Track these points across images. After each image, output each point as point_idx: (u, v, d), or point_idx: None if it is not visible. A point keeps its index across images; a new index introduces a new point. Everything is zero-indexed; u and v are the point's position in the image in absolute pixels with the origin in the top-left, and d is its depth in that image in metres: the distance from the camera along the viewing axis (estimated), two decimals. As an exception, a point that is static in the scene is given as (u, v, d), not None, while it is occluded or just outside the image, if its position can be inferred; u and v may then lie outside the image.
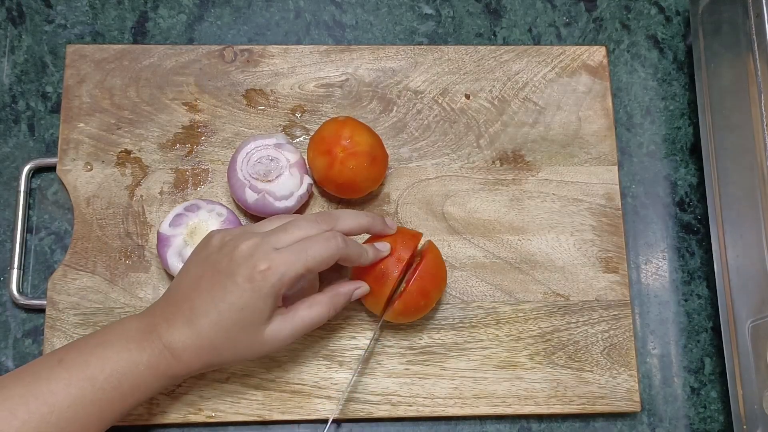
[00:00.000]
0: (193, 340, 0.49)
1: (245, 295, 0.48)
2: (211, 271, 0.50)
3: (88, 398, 0.47)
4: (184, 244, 0.56)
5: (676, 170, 0.67)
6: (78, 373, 0.47)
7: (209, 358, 0.50)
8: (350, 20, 0.68)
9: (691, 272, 0.65)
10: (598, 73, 0.66)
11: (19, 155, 0.63)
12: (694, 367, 0.63)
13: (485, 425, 0.60)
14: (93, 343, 0.49)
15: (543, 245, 0.62)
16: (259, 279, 0.48)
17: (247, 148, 0.59)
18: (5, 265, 0.61)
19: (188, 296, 0.50)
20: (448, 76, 0.65)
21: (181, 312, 0.49)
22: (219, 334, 0.49)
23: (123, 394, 0.48)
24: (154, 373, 0.49)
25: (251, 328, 0.49)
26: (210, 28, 0.67)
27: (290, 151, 0.59)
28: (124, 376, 0.48)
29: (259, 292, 0.48)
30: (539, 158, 0.64)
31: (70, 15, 0.67)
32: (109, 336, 0.49)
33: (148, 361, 0.49)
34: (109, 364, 0.48)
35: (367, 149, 0.57)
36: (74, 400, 0.46)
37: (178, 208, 0.58)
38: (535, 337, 0.60)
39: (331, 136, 0.58)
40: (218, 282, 0.49)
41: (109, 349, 0.48)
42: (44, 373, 0.47)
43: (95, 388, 0.47)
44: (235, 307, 0.48)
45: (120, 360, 0.48)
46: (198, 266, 0.51)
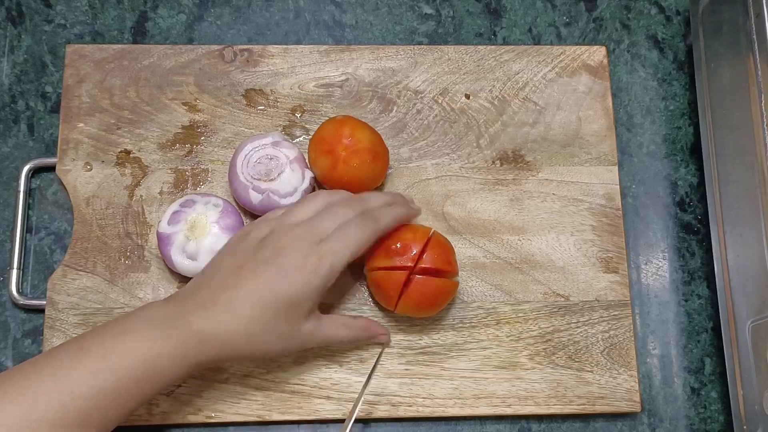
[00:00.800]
0: (229, 326, 0.48)
1: (295, 286, 0.49)
2: (253, 262, 0.50)
3: (110, 388, 0.46)
4: (185, 240, 0.56)
5: (677, 170, 0.67)
6: (100, 363, 0.46)
7: (243, 347, 0.49)
8: (350, 20, 0.68)
9: (691, 272, 0.65)
10: (598, 73, 0.66)
11: (19, 155, 0.63)
12: (694, 367, 0.63)
13: (485, 425, 0.60)
14: (116, 330, 0.48)
15: (543, 245, 0.62)
16: (310, 270, 0.49)
17: (245, 149, 0.59)
18: (5, 265, 0.61)
19: (227, 284, 0.50)
20: (448, 76, 0.65)
21: (219, 299, 0.49)
22: (259, 323, 0.49)
23: (146, 383, 0.47)
24: (180, 362, 0.48)
25: (292, 321, 0.50)
26: (210, 28, 0.67)
27: (288, 147, 0.59)
28: (148, 366, 0.47)
29: (309, 284, 0.49)
30: (539, 158, 0.64)
31: (69, 15, 0.67)
32: (133, 324, 0.48)
33: (173, 350, 0.47)
34: (132, 353, 0.47)
35: (369, 146, 0.57)
36: (96, 390, 0.45)
37: (174, 205, 0.58)
38: (535, 337, 0.60)
39: (331, 136, 0.58)
40: (264, 272, 0.49)
41: (133, 338, 0.47)
42: (66, 361, 0.46)
43: (117, 378, 0.46)
44: (281, 297, 0.49)
45: (143, 349, 0.47)
46: (236, 256, 0.51)
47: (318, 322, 0.52)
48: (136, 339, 0.47)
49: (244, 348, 0.50)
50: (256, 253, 0.51)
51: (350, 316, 0.57)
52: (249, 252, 0.51)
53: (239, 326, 0.49)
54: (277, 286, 0.49)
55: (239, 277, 0.50)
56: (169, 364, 0.48)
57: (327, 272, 0.50)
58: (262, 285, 0.49)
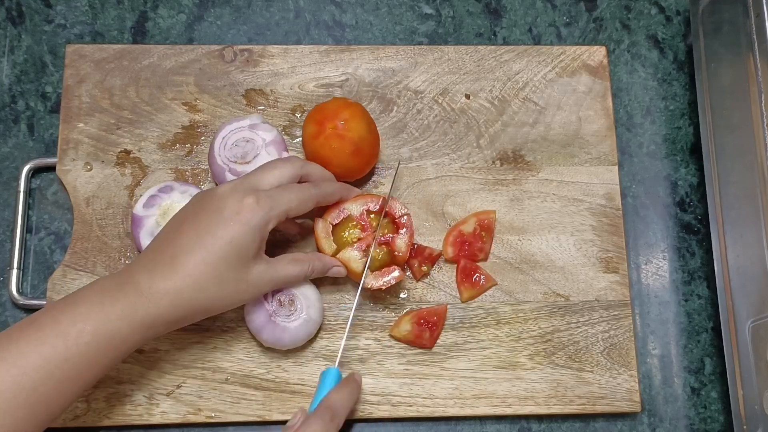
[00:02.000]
0: (176, 281, 0.48)
1: (233, 227, 0.48)
2: (192, 214, 0.50)
3: (60, 356, 0.45)
4: (156, 224, 0.57)
5: (677, 170, 0.67)
6: (48, 331, 0.45)
7: (193, 299, 0.49)
8: (350, 20, 0.68)
9: (691, 272, 0.65)
10: (598, 73, 0.66)
11: (19, 155, 0.63)
12: (694, 367, 0.63)
13: (485, 425, 0.60)
14: (66, 302, 0.48)
15: (543, 245, 0.62)
16: (246, 211, 0.49)
17: (224, 132, 0.59)
18: (5, 265, 0.61)
19: (170, 241, 0.49)
20: (448, 76, 0.65)
21: (163, 257, 0.49)
22: (206, 270, 0.48)
23: (97, 349, 0.46)
24: (130, 323, 0.47)
25: (238, 265, 0.49)
26: (210, 28, 0.67)
27: (265, 130, 0.59)
28: (97, 330, 0.46)
29: (247, 225, 0.49)
30: (539, 158, 0.64)
31: (69, 15, 0.67)
32: (83, 293, 0.48)
33: (121, 311, 0.47)
34: (80, 318, 0.46)
35: (355, 138, 0.57)
36: (46, 360, 0.45)
37: (152, 189, 0.58)
38: (535, 337, 0.60)
39: (330, 111, 0.58)
40: (203, 219, 0.49)
41: (81, 305, 0.47)
42: (15, 335, 0.46)
43: (67, 345, 0.45)
44: (222, 240, 0.48)
45: (91, 313, 0.46)
46: (178, 216, 0.51)
47: (266, 264, 0.52)
48: (85, 306, 0.47)
49: (198, 300, 0.49)
50: (196, 206, 0.51)
51: (297, 253, 0.56)
52: (190, 207, 0.52)
53: (186, 279, 0.48)
54: (217, 230, 0.48)
55: (180, 232, 0.49)
56: (120, 326, 0.47)
57: (264, 214, 0.49)
58: (203, 231, 0.49)
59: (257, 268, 0.51)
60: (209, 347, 0.58)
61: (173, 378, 0.58)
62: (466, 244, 0.61)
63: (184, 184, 0.59)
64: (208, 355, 0.58)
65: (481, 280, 0.61)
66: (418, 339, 0.59)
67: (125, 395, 0.57)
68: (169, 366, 0.58)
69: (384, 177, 0.63)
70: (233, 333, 0.59)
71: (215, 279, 0.49)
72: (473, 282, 0.60)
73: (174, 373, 0.58)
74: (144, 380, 0.57)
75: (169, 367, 0.58)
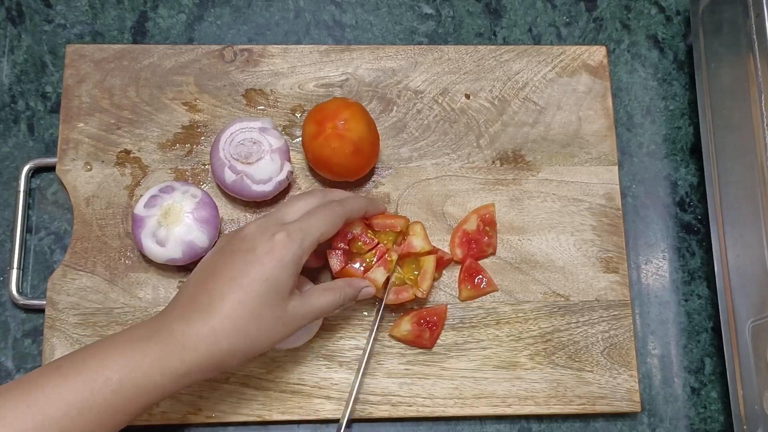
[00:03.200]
0: (213, 326, 0.47)
1: (268, 265, 0.48)
2: (224, 258, 0.49)
3: (85, 404, 0.44)
4: (157, 225, 0.56)
5: (677, 170, 0.67)
6: (74, 378, 0.44)
7: (231, 343, 0.47)
8: (350, 20, 0.68)
9: (691, 272, 0.65)
10: (598, 73, 0.66)
11: (19, 155, 0.63)
12: (694, 367, 0.63)
13: (485, 425, 0.60)
14: (95, 348, 0.47)
15: (543, 245, 0.62)
16: (279, 248, 0.48)
17: (232, 128, 0.59)
18: (5, 265, 0.61)
19: (203, 286, 0.49)
20: (448, 76, 0.65)
21: (198, 304, 0.48)
22: (243, 311, 0.47)
23: (125, 397, 0.45)
24: (162, 371, 0.46)
25: (275, 303, 0.49)
26: (210, 28, 0.67)
27: (274, 136, 0.59)
28: (126, 378, 0.45)
29: (282, 261, 0.48)
30: (539, 158, 0.64)
31: (69, 15, 0.67)
32: (114, 340, 0.47)
33: (153, 360, 0.46)
34: (109, 365, 0.45)
35: (355, 138, 0.57)
36: (70, 408, 0.44)
37: (154, 189, 0.58)
38: (535, 337, 0.60)
39: (330, 111, 0.58)
40: (236, 261, 0.49)
41: (111, 351, 0.46)
42: (41, 380, 0.44)
43: (93, 393, 0.44)
44: (257, 280, 0.48)
45: (121, 360, 0.45)
46: (209, 261, 0.51)
47: (301, 297, 0.51)
48: (116, 352, 0.46)
49: (237, 343, 0.48)
50: (225, 248, 0.50)
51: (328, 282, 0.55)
52: (219, 250, 0.51)
53: (225, 323, 0.47)
54: (251, 270, 0.48)
55: (213, 274, 0.49)
56: (151, 374, 0.46)
57: (297, 247, 0.49)
58: (238, 274, 0.48)
59: (293, 304, 0.50)
60: (209, 347, 0.58)
61: (173, 378, 0.58)
62: (473, 242, 0.61)
63: (185, 183, 0.59)
64: (208, 355, 0.58)
65: (483, 283, 0.60)
66: (419, 339, 0.59)
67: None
68: (169, 366, 0.58)
69: (384, 177, 0.63)
70: (233, 333, 0.59)
71: (253, 319, 0.48)
72: (475, 283, 0.60)
73: (174, 373, 0.58)
74: (144, 380, 0.57)
75: (169, 367, 0.58)
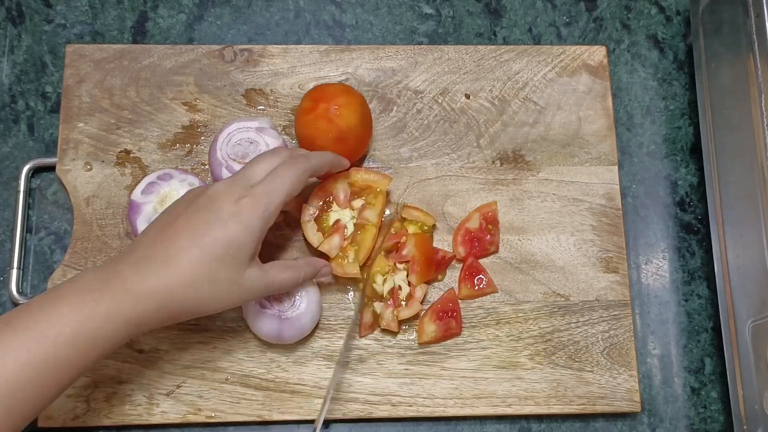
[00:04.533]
0: (169, 279, 0.46)
1: (232, 228, 0.48)
2: (186, 213, 0.49)
3: (39, 359, 0.43)
4: (153, 211, 0.57)
5: (677, 170, 0.67)
6: (26, 334, 0.43)
7: (184, 298, 0.47)
8: (350, 20, 0.68)
9: (691, 272, 0.65)
10: (598, 73, 0.66)
11: (19, 155, 0.63)
12: (694, 367, 0.63)
13: (485, 425, 0.60)
14: (44, 301, 0.45)
15: (543, 245, 0.62)
16: (246, 212, 0.48)
17: (230, 128, 0.59)
18: (5, 265, 0.61)
19: (162, 238, 0.48)
20: (448, 76, 0.65)
21: (154, 254, 0.47)
22: (200, 270, 0.47)
23: (79, 350, 0.44)
24: (115, 323, 0.45)
25: (233, 267, 0.48)
26: (210, 28, 0.67)
27: (271, 136, 0.59)
28: (79, 331, 0.44)
29: (246, 225, 0.48)
30: (539, 158, 0.64)
31: (69, 15, 0.67)
32: (63, 290, 0.46)
33: (106, 311, 0.45)
34: (60, 320, 0.44)
35: (343, 126, 0.57)
36: (24, 364, 0.43)
37: (152, 176, 0.58)
38: (535, 337, 0.60)
39: (329, 93, 0.58)
40: (199, 219, 0.48)
41: (61, 305, 0.45)
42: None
43: (45, 348, 0.43)
44: (219, 241, 0.47)
45: (72, 314, 0.44)
46: (169, 212, 0.50)
47: (261, 268, 0.50)
48: (66, 305, 0.45)
49: (189, 300, 0.47)
50: (189, 204, 0.49)
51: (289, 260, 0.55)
52: (183, 204, 0.50)
53: (181, 277, 0.47)
54: (214, 231, 0.47)
55: (173, 228, 0.48)
56: (103, 326, 0.45)
57: (263, 212, 0.49)
58: (199, 232, 0.47)
59: (251, 273, 0.49)
60: (209, 347, 0.58)
61: (173, 378, 0.58)
62: (476, 240, 0.61)
63: (183, 172, 0.59)
64: (208, 355, 0.58)
65: (482, 283, 0.60)
66: (448, 332, 0.59)
67: (125, 395, 0.57)
68: (169, 366, 0.58)
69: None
70: (233, 333, 0.59)
71: (209, 279, 0.47)
72: (474, 283, 0.60)
73: (174, 373, 0.58)
74: (144, 380, 0.57)
75: (169, 366, 0.58)
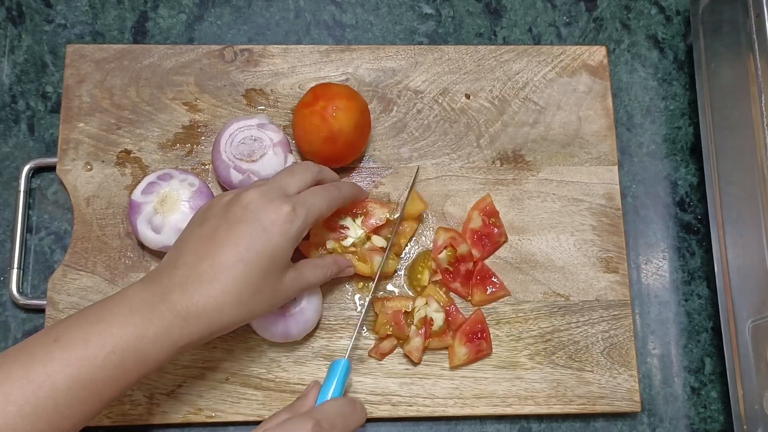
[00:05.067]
0: (217, 299, 0.46)
1: (274, 239, 0.47)
2: (225, 225, 0.48)
3: (88, 378, 0.43)
4: (153, 212, 0.57)
5: (677, 170, 0.67)
6: (76, 352, 0.43)
7: (233, 315, 0.47)
8: (350, 20, 0.68)
9: (691, 272, 0.65)
10: (598, 73, 0.66)
11: (19, 155, 0.63)
12: (694, 367, 0.63)
13: (485, 425, 0.60)
14: (93, 318, 0.45)
15: (543, 245, 0.62)
16: (285, 220, 0.48)
17: (230, 129, 0.59)
18: (5, 265, 0.61)
19: (204, 254, 0.47)
20: (448, 76, 0.65)
21: (198, 272, 0.47)
22: (247, 286, 0.47)
23: (126, 370, 0.45)
24: (163, 344, 0.45)
25: (274, 276, 0.49)
26: (210, 28, 0.67)
27: (273, 130, 0.59)
28: (128, 352, 0.44)
29: (287, 235, 0.48)
30: (539, 158, 0.64)
31: (70, 15, 0.67)
32: (111, 309, 0.46)
33: (155, 333, 0.45)
34: (111, 340, 0.44)
35: (335, 128, 0.57)
36: (73, 382, 0.43)
37: (152, 176, 0.58)
38: (535, 337, 0.60)
39: (332, 92, 0.58)
40: (239, 231, 0.47)
41: (111, 324, 0.45)
42: (40, 353, 0.44)
43: (95, 368, 0.43)
44: (264, 254, 0.47)
45: (122, 335, 0.44)
46: (205, 224, 0.49)
47: (296, 269, 0.51)
48: (116, 326, 0.45)
49: (236, 315, 0.48)
50: (225, 215, 0.49)
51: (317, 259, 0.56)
52: (217, 216, 0.49)
53: (227, 296, 0.46)
54: (257, 242, 0.47)
55: (215, 244, 0.47)
56: (151, 348, 0.45)
57: (302, 221, 0.49)
58: (241, 246, 0.47)
59: (289, 276, 0.50)
60: (209, 347, 0.59)
61: (173, 378, 0.58)
62: (485, 237, 0.61)
63: (184, 172, 0.59)
64: (208, 355, 0.58)
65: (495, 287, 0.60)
66: (480, 353, 0.59)
67: (125, 395, 0.57)
68: (170, 366, 0.58)
69: (384, 177, 0.63)
70: (233, 333, 0.59)
71: (254, 292, 0.48)
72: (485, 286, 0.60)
73: (174, 373, 0.58)
74: (144, 380, 0.57)
75: (169, 366, 0.58)
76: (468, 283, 0.60)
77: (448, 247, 0.60)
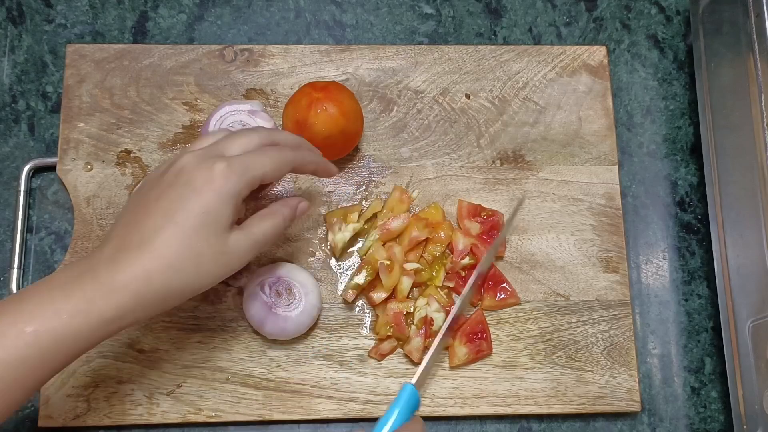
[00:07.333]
0: (144, 265, 0.43)
1: (206, 197, 0.45)
2: (158, 191, 0.46)
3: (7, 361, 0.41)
4: None
5: (677, 170, 0.67)
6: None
7: (166, 284, 0.44)
8: (350, 20, 0.68)
9: (691, 272, 0.65)
10: (598, 73, 0.66)
11: (19, 155, 0.63)
12: (694, 366, 0.63)
13: (485, 425, 0.60)
14: (13, 298, 0.43)
15: (543, 245, 0.62)
16: (219, 179, 0.45)
17: (222, 111, 0.59)
18: (5, 265, 0.61)
19: (135, 223, 0.45)
20: (448, 76, 0.65)
21: (128, 243, 0.44)
22: (179, 250, 0.44)
23: (42, 350, 0.42)
24: (86, 319, 0.42)
25: (214, 237, 0.45)
26: (210, 28, 0.67)
27: (264, 119, 0.59)
28: (42, 329, 0.41)
29: (220, 193, 0.45)
30: (539, 158, 0.64)
31: (70, 15, 0.67)
32: (34, 288, 0.44)
33: (75, 307, 0.42)
34: (22, 318, 0.41)
35: (322, 130, 0.57)
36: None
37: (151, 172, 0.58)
38: (536, 336, 0.60)
39: (329, 91, 0.58)
40: (171, 193, 0.45)
41: (28, 302, 0.42)
42: None
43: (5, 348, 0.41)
44: (194, 212, 0.44)
45: (36, 311, 0.42)
46: (139, 194, 0.47)
47: (241, 228, 0.48)
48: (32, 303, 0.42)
49: (174, 283, 0.44)
50: (158, 182, 0.46)
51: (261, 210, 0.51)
52: (151, 184, 0.47)
53: (158, 261, 0.43)
54: (188, 203, 0.44)
55: (147, 210, 0.45)
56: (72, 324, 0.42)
57: (238, 177, 0.45)
58: (173, 207, 0.44)
59: (234, 237, 0.46)
60: (209, 347, 0.59)
61: (173, 377, 0.58)
62: (485, 237, 0.61)
63: None
64: (208, 354, 0.58)
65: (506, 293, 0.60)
66: (480, 353, 0.59)
67: (125, 395, 0.57)
68: (170, 365, 0.58)
69: (384, 177, 0.63)
70: (233, 332, 0.59)
71: (191, 256, 0.44)
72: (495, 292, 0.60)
73: (174, 373, 0.58)
74: (144, 380, 0.57)
75: (169, 366, 0.58)
76: (479, 289, 0.60)
77: (469, 254, 0.60)
